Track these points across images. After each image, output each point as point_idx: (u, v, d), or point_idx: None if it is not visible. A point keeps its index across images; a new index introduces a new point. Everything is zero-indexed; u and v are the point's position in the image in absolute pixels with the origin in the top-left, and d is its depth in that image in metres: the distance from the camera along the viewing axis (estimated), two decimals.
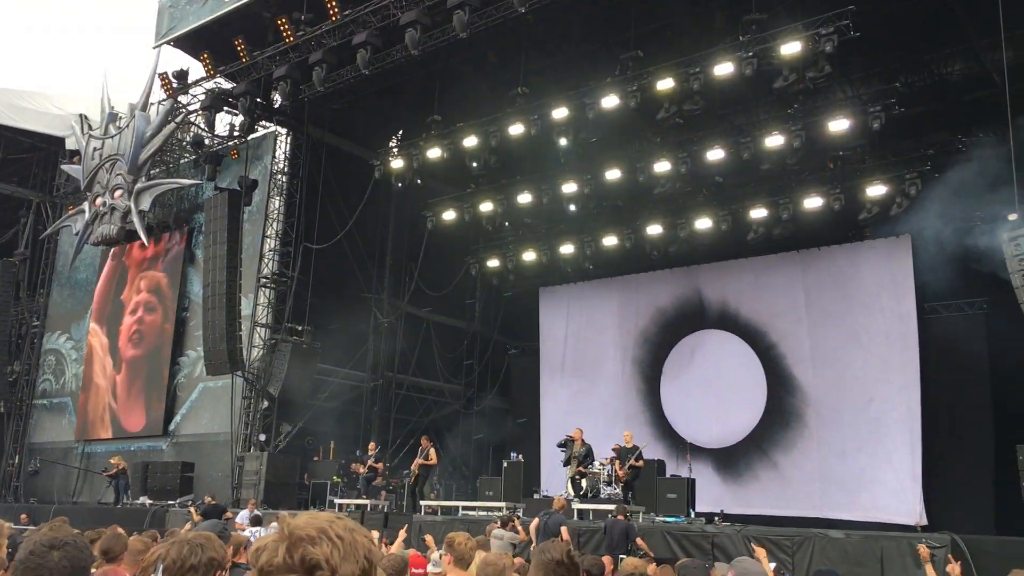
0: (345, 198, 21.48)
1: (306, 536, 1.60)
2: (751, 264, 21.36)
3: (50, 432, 27.86)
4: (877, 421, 18.83)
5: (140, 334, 25.45)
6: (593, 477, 16.20)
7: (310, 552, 1.58)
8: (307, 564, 1.58)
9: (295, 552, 1.58)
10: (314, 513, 1.69)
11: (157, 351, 24.65)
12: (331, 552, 1.59)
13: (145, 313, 25.58)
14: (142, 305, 25.74)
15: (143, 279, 25.90)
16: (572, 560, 3.06)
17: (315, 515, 1.67)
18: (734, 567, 3.90)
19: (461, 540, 5.07)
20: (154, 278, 25.60)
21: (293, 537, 1.60)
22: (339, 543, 1.61)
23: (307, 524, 1.63)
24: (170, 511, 19.41)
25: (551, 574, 2.99)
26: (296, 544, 1.59)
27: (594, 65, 18.41)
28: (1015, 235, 12.36)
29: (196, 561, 2.85)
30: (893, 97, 16.08)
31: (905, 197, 16.75)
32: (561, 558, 3.03)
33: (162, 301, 25.16)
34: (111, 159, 24.23)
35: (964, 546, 10.78)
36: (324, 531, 1.61)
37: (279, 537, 1.62)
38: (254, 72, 20.33)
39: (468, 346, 26.02)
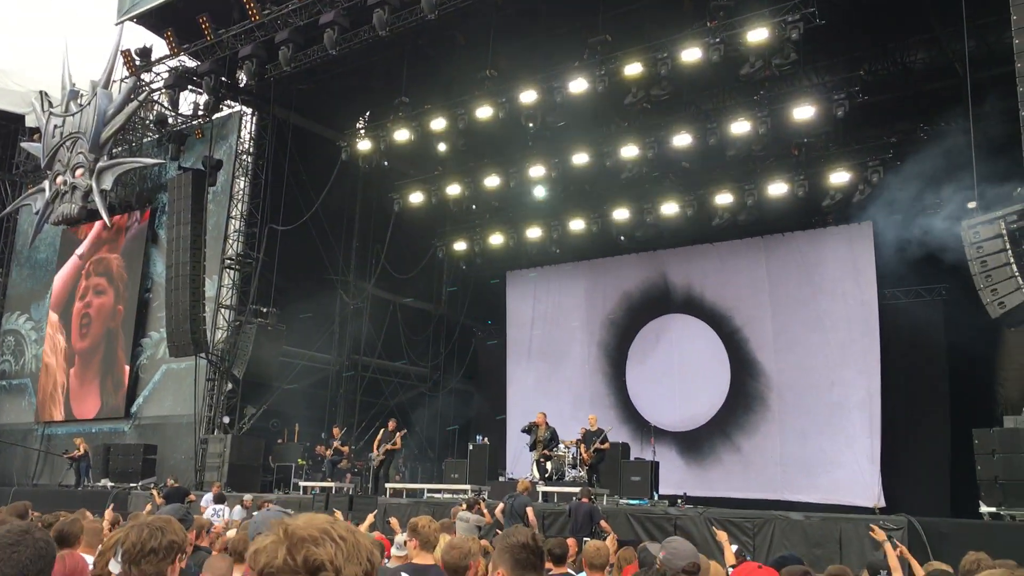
0: (311, 179, 21.30)
1: (308, 537, 1.55)
2: (716, 249, 21.55)
3: (9, 414, 27.46)
4: (838, 405, 19.13)
5: (88, 318, 25.15)
6: (558, 460, 16.30)
7: (313, 553, 1.53)
8: (310, 566, 1.53)
9: (297, 553, 1.53)
10: (311, 514, 1.63)
11: (111, 334, 24.37)
12: (335, 553, 1.55)
13: (94, 296, 25.28)
14: (91, 289, 25.45)
15: (95, 262, 25.58)
16: (537, 543, 3.08)
17: (313, 516, 1.62)
18: (664, 547, 3.93)
19: (424, 523, 5.07)
20: (107, 260, 25.27)
21: (294, 538, 1.55)
22: (342, 544, 1.57)
23: (307, 525, 1.58)
24: (132, 493, 19.25)
25: (516, 558, 3.01)
26: (297, 545, 1.54)
27: (562, 48, 18.39)
28: (974, 223, 12.54)
29: (156, 544, 2.83)
30: (857, 85, 16.28)
31: (867, 184, 16.98)
32: (526, 541, 3.05)
33: (113, 283, 24.86)
34: (72, 137, 23.81)
35: (920, 528, 10.99)
36: (326, 532, 1.57)
37: (278, 538, 1.56)
38: (219, 50, 20.05)
39: (435, 329, 26.00)
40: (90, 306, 25.18)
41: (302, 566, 1.52)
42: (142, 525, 2.88)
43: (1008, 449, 11.78)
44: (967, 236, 12.49)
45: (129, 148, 24.92)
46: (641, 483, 15.69)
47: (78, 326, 25.43)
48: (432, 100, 19.38)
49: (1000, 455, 11.82)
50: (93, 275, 25.44)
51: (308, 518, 1.61)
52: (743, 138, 17.13)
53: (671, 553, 3.85)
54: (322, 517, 1.62)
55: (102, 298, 25.01)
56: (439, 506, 14.79)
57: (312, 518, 1.61)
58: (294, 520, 1.60)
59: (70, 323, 25.79)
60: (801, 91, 17.15)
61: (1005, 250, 11.98)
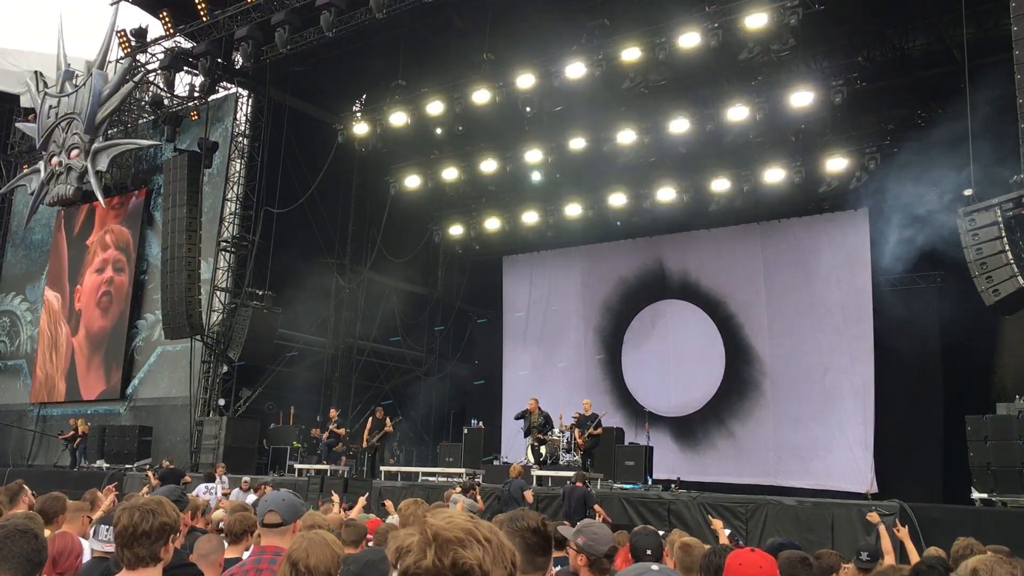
0: (307, 162, 21.24)
1: (455, 539, 1.51)
2: (712, 235, 21.54)
3: (5, 394, 27.46)
4: (831, 391, 19.19)
5: (109, 296, 25.06)
6: (552, 444, 16.36)
7: (462, 556, 1.49)
8: (459, 569, 1.49)
9: (445, 556, 1.49)
10: (449, 512, 1.60)
11: (120, 315, 24.32)
12: (483, 556, 1.51)
13: (96, 275, 25.21)
14: (94, 267, 25.36)
15: (96, 242, 25.48)
16: (546, 528, 3.08)
17: (452, 515, 1.58)
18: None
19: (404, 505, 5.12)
20: (108, 240, 25.18)
21: (440, 539, 1.51)
22: (488, 546, 1.53)
23: (451, 525, 1.54)
24: (128, 475, 19.28)
25: (527, 542, 3.00)
26: (444, 547, 1.50)
27: (560, 32, 18.30)
28: (970, 211, 12.55)
29: (148, 527, 2.84)
30: (855, 72, 16.26)
31: (864, 171, 16.98)
32: (536, 526, 3.04)
33: (115, 263, 24.78)
34: (67, 118, 23.68)
35: (912, 513, 11.05)
36: (471, 533, 1.53)
37: (424, 539, 1.52)
38: (215, 32, 19.94)
39: (430, 313, 25.99)
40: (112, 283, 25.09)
41: (450, 569, 1.49)
42: (134, 508, 2.89)
43: (1000, 436, 11.84)
44: (963, 224, 12.49)
45: (124, 129, 24.81)
46: (635, 468, 15.74)
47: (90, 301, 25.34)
48: (429, 84, 19.31)
49: (992, 442, 11.88)
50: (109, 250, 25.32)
51: (448, 517, 1.57)
52: (740, 124, 17.10)
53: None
54: (462, 516, 1.58)
55: (99, 277, 24.94)
56: (434, 489, 14.84)
57: (452, 517, 1.57)
58: (433, 519, 1.56)
59: (69, 302, 25.73)
60: (799, 77, 17.10)
61: (1001, 238, 11.99)
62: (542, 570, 3.01)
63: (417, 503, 5.20)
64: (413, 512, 5.08)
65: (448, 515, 1.57)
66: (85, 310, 25.36)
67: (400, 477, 17.75)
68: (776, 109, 16.70)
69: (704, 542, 5.72)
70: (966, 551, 5.25)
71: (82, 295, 25.52)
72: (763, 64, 16.11)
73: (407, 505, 5.16)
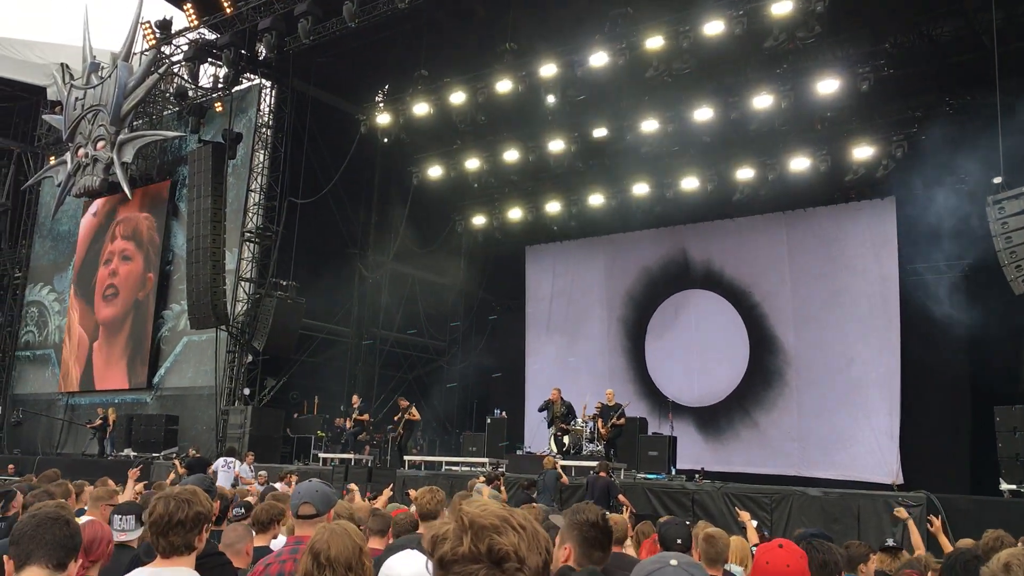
0: (330, 153, 21.31)
1: (490, 525, 1.52)
2: (736, 224, 21.41)
3: (33, 384, 27.82)
4: (857, 381, 19.04)
5: (115, 288, 25.31)
6: (575, 434, 16.36)
7: (498, 542, 1.51)
8: (495, 555, 1.50)
9: (481, 542, 1.51)
10: (483, 500, 1.61)
11: (138, 305, 24.54)
12: (518, 543, 1.52)
13: (120, 263, 25.41)
14: (117, 255, 25.57)
15: (122, 233, 25.69)
16: (606, 523, 3.08)
17: (485, 502, 1.59)
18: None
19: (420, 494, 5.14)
20: (133, 230, 25.37)
21: (476, 526, 1.52)
22: (523, 533, 1.54)
23: (486, 512, 1.55)
24: (154, 463, 19.49)
25: (584, 536, 3.01)
26: (480, 534, 1.52)
27: (583, 21, 18.20)
28: (999, 198, 12.41)
29: (183, 516, 2.87)
30: (882, 58, 16.04)
31: (891, 159, 16.80)
32: (596, 520, 3.04)
33: (142, 250, 24.97)
34: (93, 109, 23.90)
35: (939, 505, 10.96)
36: (507, 520, 1.54)
37: (459, 526, 1.54)
38: (238, 23, 20.02)
39: (453, 303, 26.03)
40: (116, 275, 25.33)
41: (486, 555, 1.50)
42: (168, 496, 2.92)
43: None
44: (992, 212, 12.36)
45: (149, 121, 24.99)
46: (659, 458, 15.72)
47: (101, 293, 25.60)
48: (451, 73, 19.29)
49: (1022, 432, 11.76)
50: (120, 240, 25.54)
51: (481, 505, 1.58)
52: (765, 112, 16.96)
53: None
54: (495, 504, 1.59)
55: (130, 264, 25.15)
56: (457, 479, 14.89)
57: (486, 505, 1.58)
58: (468, 506, 1.58)
59: (94, 291, 25.99)
60: (825, 64, 16.90)
61: None
62: (599, 564, 3.00)
63: (433, 491, 5.20)
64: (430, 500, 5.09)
65: (482, 503, 1.59)
66: (98, 304, 25.66)
67: (424, 466, 17.82)
68: (802, 97, 16.55)
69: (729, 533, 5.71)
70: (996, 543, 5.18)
71: (97, 289, 25.81)
72: (788, 51, 15.96)
73: (423, 494, 5.16)
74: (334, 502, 3.99)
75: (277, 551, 3.89)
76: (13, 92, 28.40)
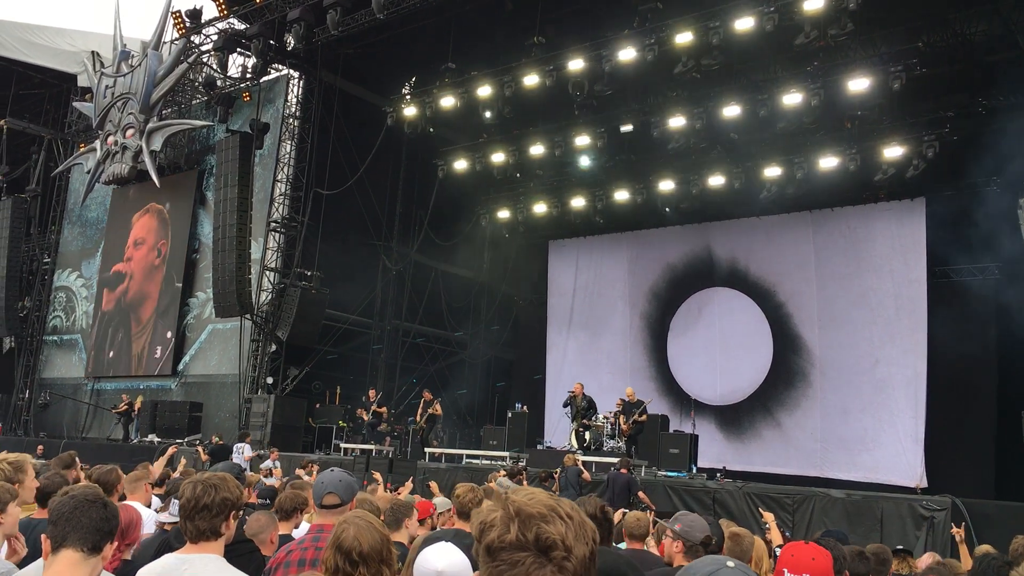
0: (357, 144, 21.36)
1: (537, 514, 1.52)
2: (762, 223, 21.25)
3: (60, 368, 28.15)
4: (882, 383, 18.87)
5: (148, 274, 25.55)
6: (596, 430, 16.33)
7: (545, 531, 1.51)
8: (543, 544, 1.50)
9: (528, 531, 1.51)
10: (529, 489, 1.60)
11: (164, 292, 24.76)
12: (565, 532, 1.52)
13: (146, 250, 25.67)
14: (144, 242, 25.83)
15: (150, 220, 25.91)
16: (606, 515, 3.08)
17: (532, 491, 1.59)
18: (680, 520, 3.91)
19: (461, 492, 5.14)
20: (162, 219, 25.61)
21: (523, 514, 1.52)
22: (571, 523, 1.54)
23: (533, 500, 1.55)
24: (179, 449, 19.64)
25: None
26: (527, 522, 1.51)
27: (612, 15, 18.12)
28: None
29: (209, 501, 2.89)
30: (915, 57, 15.83)
31: (922, 159, 16.57)
32: (595, 512, 3.04)
33: (169, 241, 25.20)
34: (123, 98, 24.10)
35: (964, 509, 10.86)
36: (554, 509, 1.54)
37: (507, 514, 1.53)
38: (268, 13, 20.10)
39: (476, 296, 26.05)
40: (150, 264, 25.60)
41: (534, 543, 1.50)
42: (197, 481, 2.93)
43: None
44: (1023, 214, 12.20)
45: (178, 110, 25.17)
46: (680, 456, 15.67)
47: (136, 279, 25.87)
48: (478, 67, 19.27)
49: None
50: (150, 232, 25.80)
51: (528, 493, 1.58)
52: (794, 110, 16.80)
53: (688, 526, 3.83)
54: (542, 493, 1.59)
55: (157, 256, 25.41)
56: (477, 472, 14.92)
57: (533, 493, 1.58)
58: (515, 495, 1.57)
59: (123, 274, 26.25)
60: (856, 62, 16.71)
61: None
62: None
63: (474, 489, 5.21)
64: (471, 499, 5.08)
65: (530, 491, 1.58)
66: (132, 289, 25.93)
67: (444, 459, 17.86)
68: (832, 95, 16.37)
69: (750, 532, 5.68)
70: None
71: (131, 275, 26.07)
72: (819, 49, 15.80)
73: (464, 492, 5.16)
74: (356, 491, 4.00)
75: (299, 539, 3.90)
76: (44, 79, 28.70)
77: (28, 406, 28.11)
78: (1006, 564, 3.80)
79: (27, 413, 28.00)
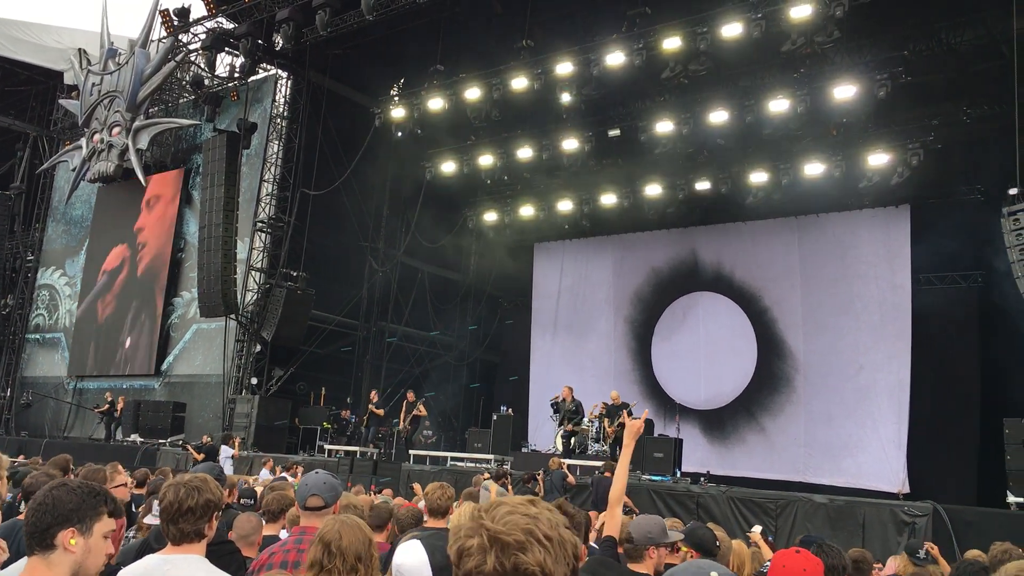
0: (344, 145, 21.32)
1: (515, 543, 1.50)
2: (748, 228, 21.33)
3: (42, 367, 27.96)
4: (865, 389, 18.97)
5: (133, 273, 25.43)
6: (582, 434, 16.35)
7: (524, 561, 1.49)
8: (521, 573, 1.48)
9: (506, 560, 1.49)
10: (508, 502, 1.57)
11: (150, 291, 24.64)
12: (544, 558, 1.49)
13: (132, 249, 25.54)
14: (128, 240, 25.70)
15: (137, 219, 25.78)
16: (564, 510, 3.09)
17: (511, 507, 1.55)
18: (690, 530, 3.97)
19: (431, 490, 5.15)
20: (148, 218, 25.48)
21: (500, 543, 1.50)
22: (549, 545, 1.51)
23: (511, 525, 1.51)
24: (161, 450, 19.57)
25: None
26: (505, 551, 1.49)
27: (601, 20, 18.17)
28: (1015, 210, 12.34)
29: (193, 503, 2.88)
30: (900, 65, 15.95)
31: (907, 167, 16.69)
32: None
33: (153, 237, 25.07)
34: (110, 95, 23.99)
35: (946, 515, 10.93)
36: (532, 533, 1.51)
37: (483, 543, 1.51)
38: (256, 13, 20.05)
39: (462, 298, 26.04)
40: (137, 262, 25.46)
41: (512, 573, 1.49)
42: (179, 484, 2.92)
43: None
44: (1007, 223, 12.31)
45: (165, 108, 25.07)
46: (664, 460, 15.67)
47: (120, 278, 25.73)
48: (467, 69, 19.28)
49: None
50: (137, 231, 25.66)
51: (506, 513, 1.54)
52: (781, 116, 16.89)
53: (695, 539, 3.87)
54: (520, 511, 1.54)
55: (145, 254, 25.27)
56: (462, 474, 14.90)
57: (511, 513, 1.54)
58: (492, 514, 1.54)
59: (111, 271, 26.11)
60: (842, 70, 16.82)
61: None
62: None
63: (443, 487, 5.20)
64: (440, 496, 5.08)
65: (507, 510, 1.55)
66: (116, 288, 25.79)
67: (429, 461, 17.84)
68: (818, 102, 16.48)
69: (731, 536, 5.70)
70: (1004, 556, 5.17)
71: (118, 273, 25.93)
72: (806, 56, 15.90)
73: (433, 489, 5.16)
74: (341, 493, 4.00)
75: (283, 541, 3.90)
76: (30, 76, 28.54)
77: (10, 405, 27.92)
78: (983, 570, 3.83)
79: (8, 412, 27.80)
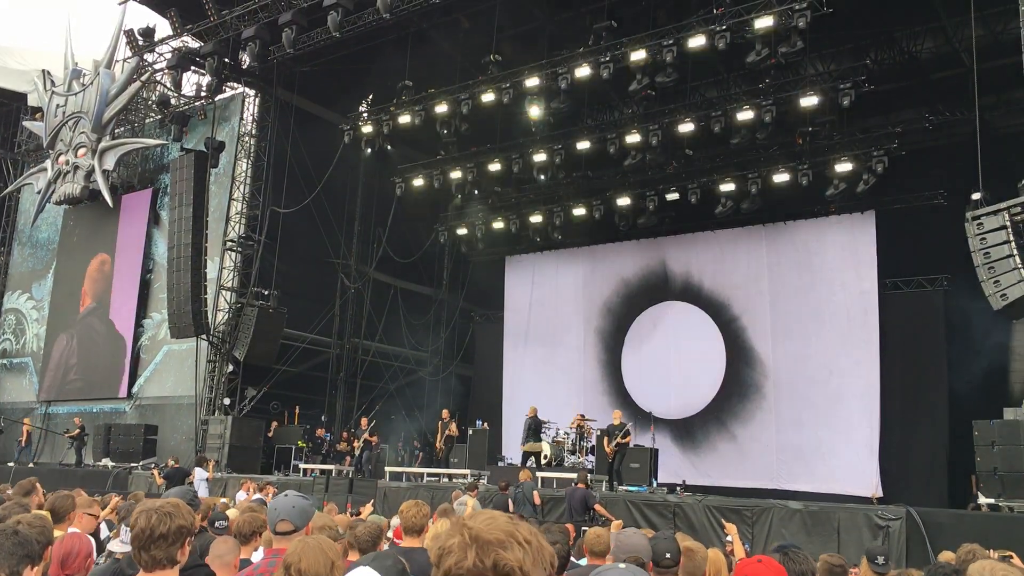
0: (314, 162, 21.25)
1: (495, 540, 1.52)
2: (716, 237, 21.48)
3: (11, 392, 27.51)
4: (836, 395, 19.13)
5: (96, 295, 25.14)
6: (558, 446, 16.34)
7: (503, 558, 1.51)
8: (500, 571, 1.51)
9: (486, 557, 1.51)
10: (489, 513, 1.61)
11: (119, 313, 24.35)
12: (523, 558, 1.52)
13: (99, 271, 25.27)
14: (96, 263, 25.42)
15: (103, 241, 25.50)
16: None
17: (492, 516, 1.59)
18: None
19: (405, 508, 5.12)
20: (115, 240, 25.21)
21: (480, 541, 1.53)
22: (528, 548, 1.54)
23: (491, 527, 1.55)
24: (133, 473, 19.31)
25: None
26: (486, 548, 1.52)
27: (567, 34, 18.30)
28: (978, 214, 12.53)
29: (165, 530, 2.84)
30: (863, 74, 16.21)
31: (872, 174, 16.94)
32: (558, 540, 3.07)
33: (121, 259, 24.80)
34: (75, 117, 23.76)
35: (919, 518, 11.04)
36: (512, 535, 1.54)
37: (463, 540, 1.54)
38: (222, 31, 19.96)
39: (435, 313, 26.00)
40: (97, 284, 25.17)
41: (491, 570, 1.51)
42: (151, 510, 2.89)
43: (1008, 441, 11.82)
44: (971, 228, 12.48)
45: (131, 128, 24.86)
46: (640, 470, 15.71)
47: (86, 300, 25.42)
48: (435, 84, 19.31)
49: (999, 447, 11.86)
50: (104, 253, 25.38)
51: (488, 518, 1.58)
52: (747, 126, 17.07)
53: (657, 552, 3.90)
54: (501, 517, 1.58)
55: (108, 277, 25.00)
56: (439, 490, 14.84)
57: (492, 518, 1.58)
58: (473, 520, 1.58)
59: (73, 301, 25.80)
60: (807, 80, 17.08)
61: (1008, 242, 11.98)
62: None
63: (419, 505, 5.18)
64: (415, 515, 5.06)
65: (489, 515, 1.59)
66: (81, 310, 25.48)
67: (405, 478, 17.76)
68: (783, 111, 16.69)
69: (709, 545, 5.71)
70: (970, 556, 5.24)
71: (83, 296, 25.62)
72: (771, 66, 16.08)
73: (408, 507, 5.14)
74: (312, 515, 3.97)
75: (256, 564, 3.86)
76: None
77: None
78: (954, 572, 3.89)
79: None
